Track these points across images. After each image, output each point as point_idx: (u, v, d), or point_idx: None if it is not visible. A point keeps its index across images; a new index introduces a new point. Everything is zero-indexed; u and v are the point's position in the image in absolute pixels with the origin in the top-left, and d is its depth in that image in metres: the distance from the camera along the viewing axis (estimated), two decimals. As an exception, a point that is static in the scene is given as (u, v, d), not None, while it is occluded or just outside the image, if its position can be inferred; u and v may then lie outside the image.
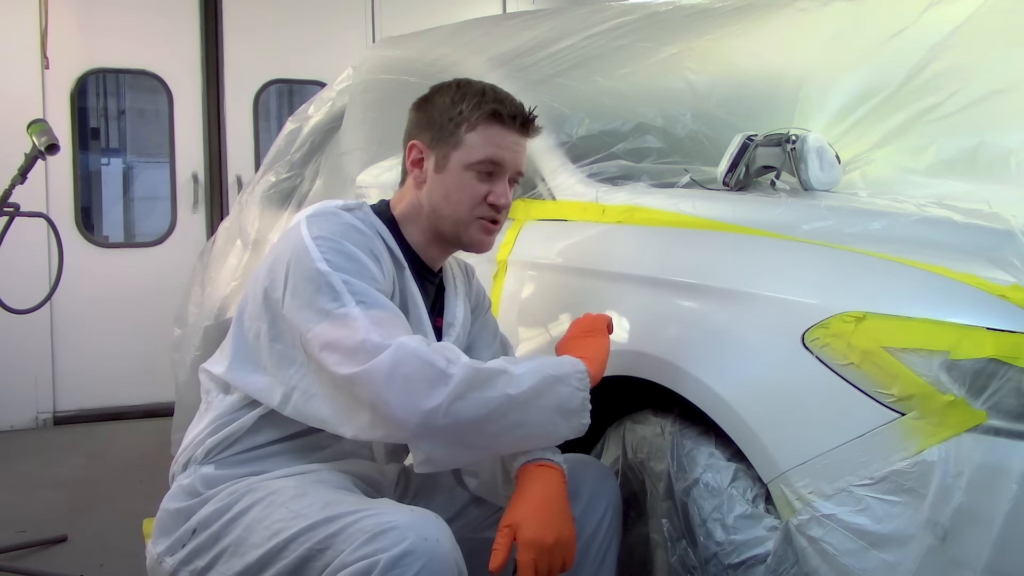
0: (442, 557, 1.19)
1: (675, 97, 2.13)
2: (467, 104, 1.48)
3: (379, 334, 1.29)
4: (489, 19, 3.25)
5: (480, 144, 1.47)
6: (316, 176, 2.93)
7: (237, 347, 1.48)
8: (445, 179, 1.49)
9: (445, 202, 1.49)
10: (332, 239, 1.39)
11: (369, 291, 1.35)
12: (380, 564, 1.16)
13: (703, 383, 1.42)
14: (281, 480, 1.41)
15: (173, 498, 1.48)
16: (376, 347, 1.28)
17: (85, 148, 5.08)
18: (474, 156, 1.47)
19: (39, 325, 4.53)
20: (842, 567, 1.23)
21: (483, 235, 1.52)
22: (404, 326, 1.35)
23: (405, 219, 1.54)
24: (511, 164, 1.50)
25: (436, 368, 1.27)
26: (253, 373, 1.45)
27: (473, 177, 1.48)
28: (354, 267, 1.37)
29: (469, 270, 1.71)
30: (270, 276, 1.42)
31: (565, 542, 1.32)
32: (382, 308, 1.34)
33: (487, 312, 1.70)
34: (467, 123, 1.47)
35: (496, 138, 1.48)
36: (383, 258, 1.44)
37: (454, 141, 1.48)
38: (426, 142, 1.51)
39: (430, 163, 1.50)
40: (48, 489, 3.52)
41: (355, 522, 1.23)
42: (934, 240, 1.40)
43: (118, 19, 4.79)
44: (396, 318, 1.35)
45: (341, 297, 1.33)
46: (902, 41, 2.06)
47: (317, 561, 1.24)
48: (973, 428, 1.18)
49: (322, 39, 5.11)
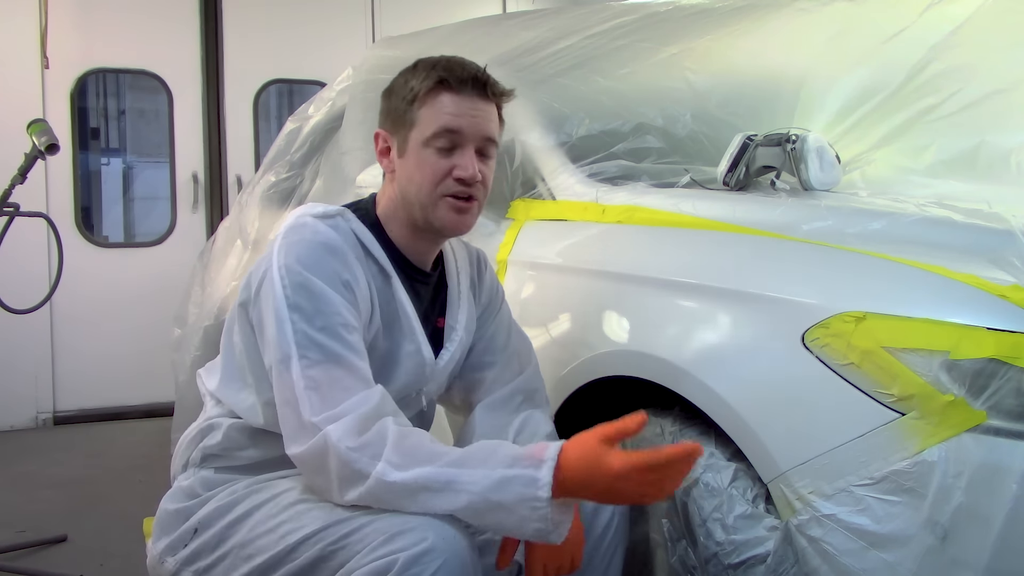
0: (461, 555, 1.18)
1: (675, 97, 2.13)
2: (417, 79, 1.40)
3: (309, 408, 1.25)
4: (489, 19, 3.25)
5: (432, 116, 1.38)
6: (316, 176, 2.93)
7: (226, 361, 1.48)
8: (407, 162, 1.41)
9: (411, 185, 1.41)
10: (296, 271, 1.31)
11: (318, 341, 1.28)
12: (399, 562, 1.15)
13: (703, 383, 1.42)
14: (285, 481, 1.40)
15: (173, 498, 1.48)
16: (309, 430, 1.25)
17: (85, 148, 5.08)
18: (428, 130, 1.39)
19: (39, 325, 4.53)
20: (842, 567, 1.23)
21: (453, 214, 1.41)
22: (348, 382, 1.27)
23: (387, 216, 1.47)
24: (471, 131, 1.40)
25: (352, 469, 1.22)
26: (240, 391, 1.44)
27: (433, 153, 1.39)
28: (313, 306, 1.30)
29: (481, 258, 1.63)
30: (246, 293, 1.41)
31: (572, 542, 1.32)
32: (328, 361, 1.27)
33: (501, 307, 1.63)
34: (418, 99, 1.39)
35: (448, 107, 1.38)
36: (358, 279, 1.36)
37: (410, 120, 1.40)
38: (388, 129, 1.45)
39: (394, 150, 1.45)
40: (48, 489, 3.52)
41: (371, 522, 1.22)
42: (934, 240, 1.40)
43: (118, 19, 4.79)
44: (341, 372, 1.27)
45: (286, 348, 1.28)
46: (902, 41, 2.06)
47: (331, 561, 1.23)
48: (973, 428, 1.18)
49: (322, 39, 5.11)
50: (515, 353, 1.61)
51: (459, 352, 1.55)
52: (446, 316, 1.54)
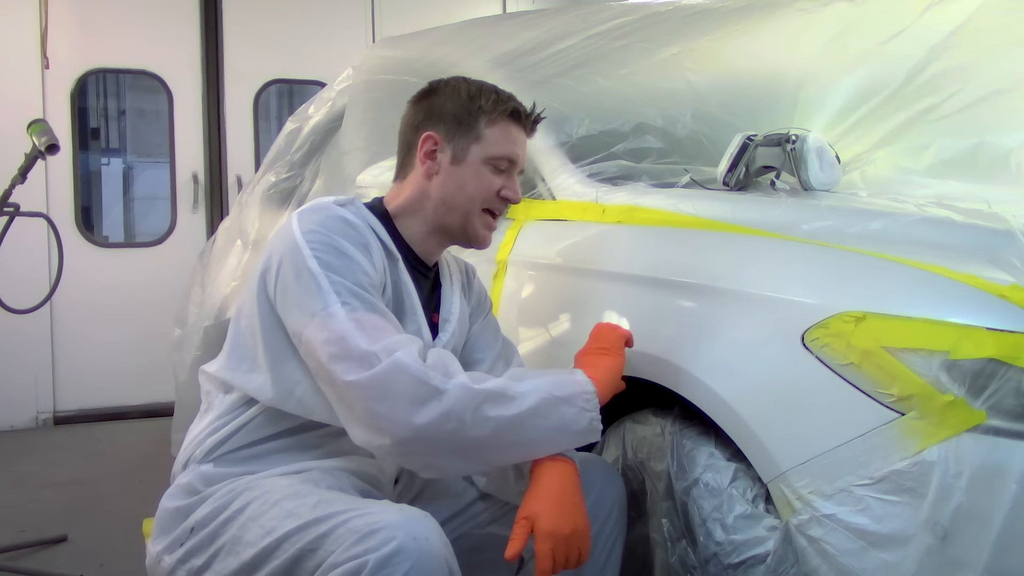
0: (432, 556, 1.19)
1: (675, 97, 2.13)
2: (485, 100, 1.52)
3: (366, 340, 1.29)
4: (489, 19, 3.25)
5: (500, 140, 1.51)
6: (316, 176, 2.93)
7: (234, 345, 1.49)
8: (462, 171, 1.51)
9: (460, 193, 1.51)
10: (322, 233, 1.39)
11: (356, 291, 1.35)
12: (369, 564, 1.16)
13: (703, 383, 1.42)
14: (276, 479, 1.41)
15: (172, 496, 1.48)
16: (369, 358, 1.28)
17: (85, 148, 5.08)
18: (493, 151, 1.51)
19: (39, 325, 4.53)
20: (842, 567, 1.23)
21: (486, 230, 1.55)
22: (391, 328, 1.35)
23: (403, 212, 1.54)
24: (520, 161, 1.56)
25: (429, 385, 1.27)
26: (250, 372, 1.45)
27: (490, 171, 1.51)
28: (343, 263, 1.37)
29: (470, 270, 1.71)
30: (263, 272, 1.43)
31: (581, 533, 1.33)
32: (368, 310, 1.34)
33: (488, 313, 1.70)
34: (487, 117, 1.51)
35: (514, 136, 1.53)
36: (374, 251, 1.44)
37: (474, 135, 1.51)
38: (442, 134, 1.52)
39: (446, 155, 1.52)
40: (48, 489, 3.52)
41: (345, 522, 1.23)
42: (934, 240, 1.40)
43: (118, 19, 4.80)
44: (382, 320, 1.34)
45: (326, 298, 1.33)
46: (902, 41, 2.06)
47: (308, 561, 1.24)
48: (973, 428, 1.18)
49: (322, 39, 5.11)
50: (502, 356, 1.65)
51: (452, 342, 1.57)
52: (440, 311, 1.59)
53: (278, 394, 1.42)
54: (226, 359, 1.50)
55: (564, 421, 1.35)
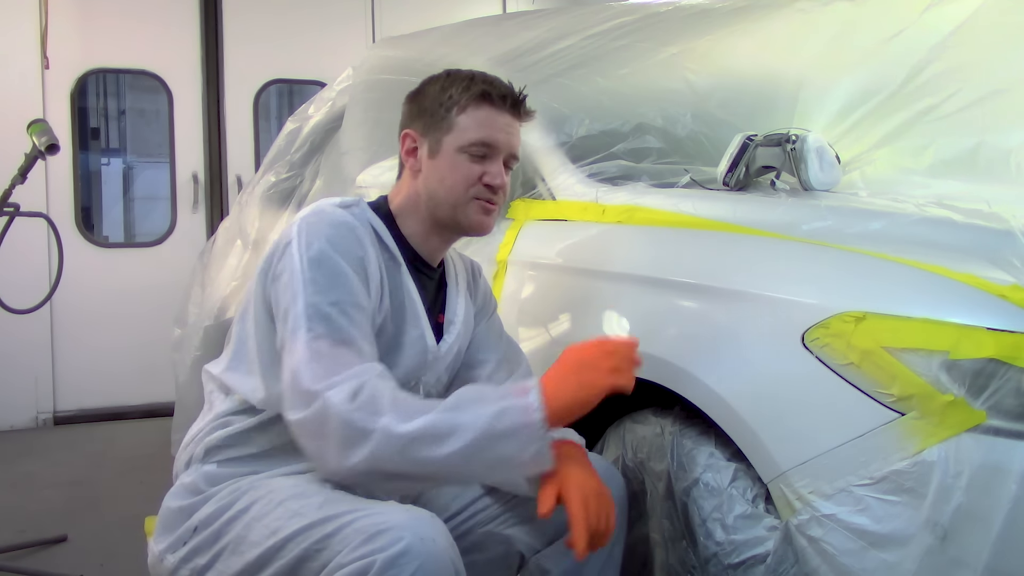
0: (438, 556, 1.19)
1: (675, 97, 2.13)
2: (456, 88, 1.49)
3: (311, 377, 1.27)
4: (489, 19, 3.25)
5: (472, 126, 1.47)
6: (316, 176, 2.93)
7: (237, 347, 1.49)
8: (439, 163, 1.49)
9: (440, 186, 1.49)
10: (317, 247, 1.37)
11: (327, 314, 1.32)
12: (376, 564, 1.16)
13: (703, 383, 1.42)
14: (281, 479, 1.41)
15: (175, 496, 1.48)
16: (308, 397, 1.27)
17: (85, 148, 5.09)
18: (466, 138, 1.47)
19: (39, 325, 4.53)
20: (842, 567, 1.23)
21: (482, 215, 1.51)
22: (349, 357, 1.31)
23: (403, 211, 1.54)
24: (504, 145, 1.50)
25: (355, 427, 1.24)
26: (247, 376, 1.46)
27: (467, 159, 1.48)
28: (328, 280, 1.35)
29: (476, 268, 1.70)
30: (260, 277, 1.44)
31: (607, 495, 1.34)
32: (332, 338, 1.31)
33: (493, 313, 1.69)
34: (457, 106, 1.48)
35: (487, 119, 1.48)
36: (371, 261, 1.42)
37: (446, 125, 1.48)
38: (419, 130, 1.52)
39: (424, 150, 1.51)
40: (48, 489, 3.52)
41: (351, 522, 1.23)
42: (934, 240, 1.40)
43: (118, 19, 4.79)
44: (343, 350, 1.31)
45: (297, 320, 1.32)
46: (902, 41, 2.07)
47: (314, 561, 1.24)
48: (973, 428, 1.18)
49: (322, 39, 5.11)
50: (506, 358, 1.65)
51: (457, 344, 1.57)
52: (445, 311, 1.58)
53: (269, 396, 1.42)
54: (227, 361, 1.50)
55: (504, 455, 1.27)
